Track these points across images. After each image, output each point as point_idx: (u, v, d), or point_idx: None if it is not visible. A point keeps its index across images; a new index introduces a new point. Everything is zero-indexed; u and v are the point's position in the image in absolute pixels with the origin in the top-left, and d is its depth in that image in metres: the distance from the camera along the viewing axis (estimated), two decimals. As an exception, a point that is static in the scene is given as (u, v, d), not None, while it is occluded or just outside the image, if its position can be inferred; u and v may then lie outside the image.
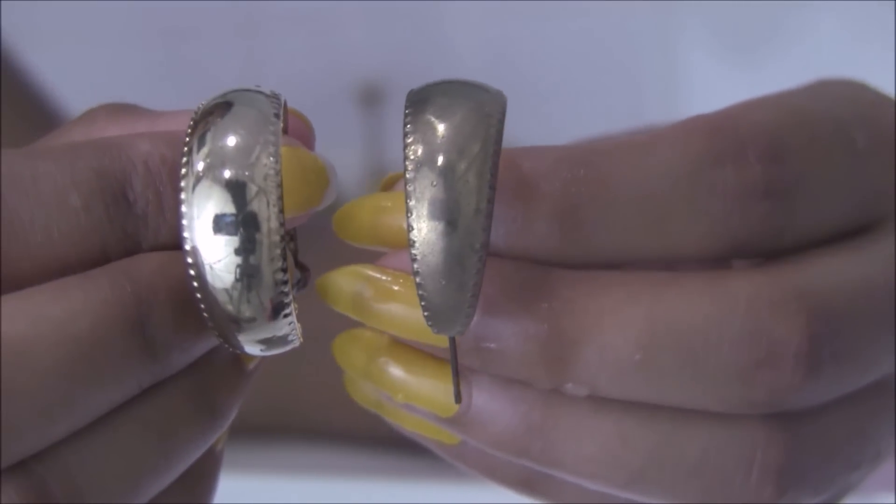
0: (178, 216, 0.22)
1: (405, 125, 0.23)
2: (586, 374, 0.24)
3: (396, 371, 0.26)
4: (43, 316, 0.22)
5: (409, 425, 0.27)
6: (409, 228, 0.22)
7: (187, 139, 0.22)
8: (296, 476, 0.50)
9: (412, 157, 0.22)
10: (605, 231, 0.25)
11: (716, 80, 0.66)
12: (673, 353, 0.24)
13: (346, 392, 0.28)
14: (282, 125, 0.23)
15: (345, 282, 0.26)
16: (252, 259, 0.22)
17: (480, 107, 0.23)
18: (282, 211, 0.22)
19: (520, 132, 0.23)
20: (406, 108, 0.23)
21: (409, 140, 0.22)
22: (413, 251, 0.22)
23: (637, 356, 0.24)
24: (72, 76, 0.63)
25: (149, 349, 0.23)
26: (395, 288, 0.25)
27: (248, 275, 0.22)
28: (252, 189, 0.22)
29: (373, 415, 0.28)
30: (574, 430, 0.25)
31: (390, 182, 0.26)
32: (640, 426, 0.25)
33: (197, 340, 0.24)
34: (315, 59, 0.66)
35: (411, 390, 0.26)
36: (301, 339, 0.23)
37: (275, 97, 0.23)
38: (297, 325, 0.23)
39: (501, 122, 0.23)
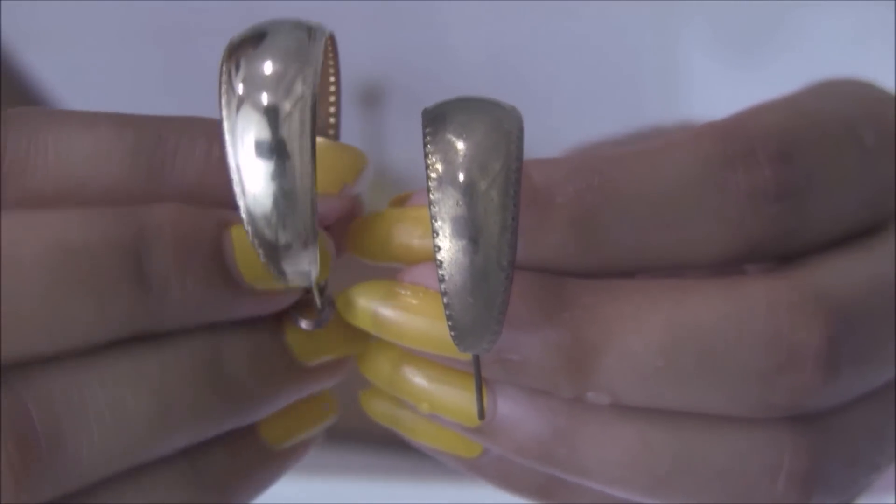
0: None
1: (425, 144, 0.23)
2: (608, 381, 0.24)
3: (421, 381, 0.26)
4: (36, 223, 0.22)
5: (428, 440, 0.27)
6: (436, 248, 0.23)
7: (223, 66, 0.23)
8: (296, 476, 0.50)
9: (435, 177, 0.22)
10: (620, 237, 0.25)
11: (716, 80, 0.66)
12: (694, 358, 0.24)
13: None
14: (321, 57, 0.23)
15: (364, 298, 0.26)
16: (285, 184, 0.22)
17: (499, 123, 0.23)
18: (314, 137, 0.22)
19: (520, 132, 0.23)
20: (424, 126, 0.23)
21: (431, 159, 0.23)
22: (440, 271, 0.23)
23: (659, 362, 0.24)
24: (72, 76, 0.63)
25: (143, 280, 0.23)
26: (415, 302, 0.25)
27: (284, 199, 0.22)
28: (285, 113, 0.22)
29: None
30: (599, 436, 0.25)
31: (399, 202, 0.26)
32: (665, 432, 0.25)
33: (201, 287, 0.24)
34: (315, 59, 0.66)
35: (436, 400, 0.26)
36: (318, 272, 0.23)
37: (317, 27, 0.23)
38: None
39: (521, 138, 0.23)
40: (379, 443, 0.50)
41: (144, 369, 0.23)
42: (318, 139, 0.23)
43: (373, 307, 0.25)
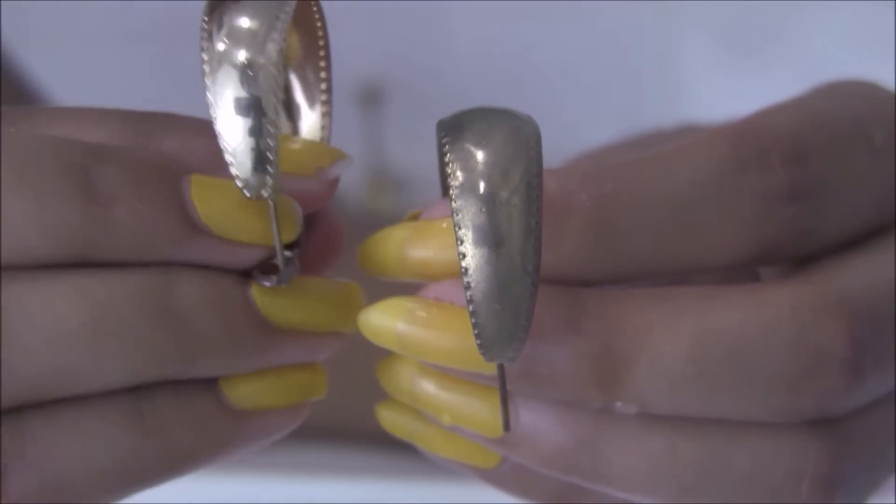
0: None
1: (445, 154, 0.23)
2: (638, 391, 0.24)
3: (443, 393, 0.26)
4: None
5: (446, 453, 0.27)
6: (461, 255, 0.22)
7: (204, 22, 0.23)
8: (296, 476, 0.50)
9: (457, 185, 0.22)
10: (636, 242, 0.25)
11: (716, 81, 0.66)
12: (722, 365, 0.24)
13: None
14: (290, 12, 0.23)
15: (386, 316, 0.25)
16: (262, 143, 0.23)
17: (517, 131, 0.23)
18: (280, 90, 0.23)
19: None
20: (442, 136, 0.23)
21: (452, 168, 0.23)
22: (465, 278, 0.22)
23: (688, 371, 0.24)
24: (71, 76, 0.63)
25: (89, 191, 0.22)
26: (438, 318, 0.25)
27: (260, 156, 0.23)
28: (258, 69, 0.23)
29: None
30: (624, 445, 0.25)
31: (412, 219, 0.26)
32: (690, 439, 0.25)
33: (152, 214, 0.23)
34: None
35: (458, 411, 0.26)
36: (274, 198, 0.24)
37: None
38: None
39: (539, 144, 0.23)
40: (381, 442, 0.50)
41: (85, 286, 0.23)
42: (300, 138, 0.23)
43: (396, 325, 0.25)
